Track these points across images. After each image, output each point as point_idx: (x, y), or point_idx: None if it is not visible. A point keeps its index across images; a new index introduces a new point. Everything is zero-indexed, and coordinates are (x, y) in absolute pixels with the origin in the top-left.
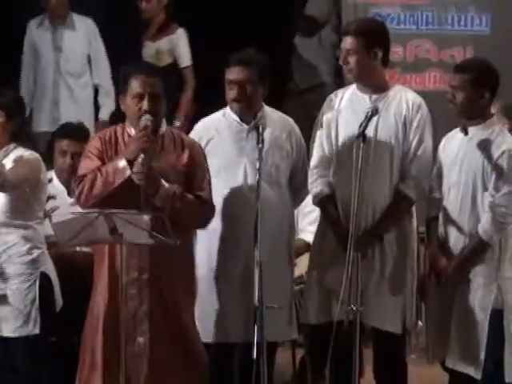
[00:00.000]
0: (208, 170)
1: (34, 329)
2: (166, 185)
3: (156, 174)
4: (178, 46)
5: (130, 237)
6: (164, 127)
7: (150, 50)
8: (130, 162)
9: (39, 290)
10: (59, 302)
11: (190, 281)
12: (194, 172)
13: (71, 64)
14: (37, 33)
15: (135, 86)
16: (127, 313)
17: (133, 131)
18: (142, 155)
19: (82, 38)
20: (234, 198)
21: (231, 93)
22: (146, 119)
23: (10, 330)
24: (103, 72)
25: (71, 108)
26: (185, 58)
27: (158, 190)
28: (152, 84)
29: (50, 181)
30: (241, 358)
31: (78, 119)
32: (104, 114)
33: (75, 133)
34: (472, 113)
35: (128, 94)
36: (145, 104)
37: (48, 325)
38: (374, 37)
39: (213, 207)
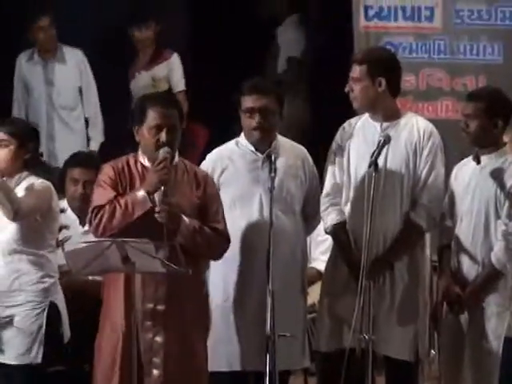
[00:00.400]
0: (221, 201)
1: (36, 357)
2: (187, 220)
3: (176, 211)
4: (173, 70)
5: (143, 265)
6: (177, 158)
7: (145, 79)
8: (150, 194)
9: (47, 319)
10: (67, 333)
11: (204, 314)
12: (209, 204)
13: (63, 97)
14: (27, 67)
15: (153, 117)
16: (143, 344)
17: (146, 162)
18: (162, 188)
19: (72, 70)
20: (250, 227)
21: (251, 121)
22: (165, 151)
23: (11, 357)
24: (93, 104)
25: (67, 141)
26: (179, 83)
27: (179, 226)
28: (170, 116)
29: (63, 211)
30: None
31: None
32: (93, 147)
33: (87, 161)
34: (485, 141)
35: (145, 126)
36: (163, 136)
37: (52, 355)
38: (379, 65)
39: (228, 239)
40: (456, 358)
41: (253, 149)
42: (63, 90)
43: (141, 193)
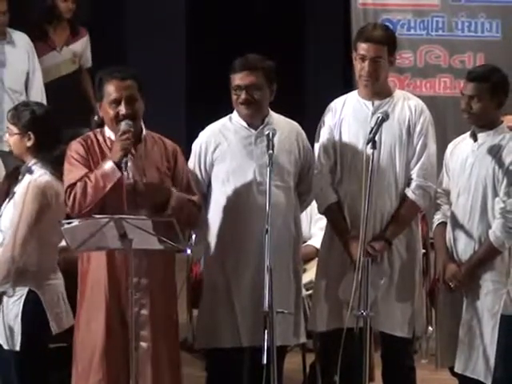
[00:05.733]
0: (192, 172)
1: (14, 345)
2: (176, 193)
3: (166, 185)
4: (87, 47)
5: (140, 242)
6: (144, 131)
7: (67, 54)
8: (116, 164)
9: (25, 307)
10: (67, 320)
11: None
12: (180, 176)
13: (14, 80)
14: None
15: (110, 91)
16: (129, 318)
17: (112, 136)
18: (129, 157)
19: (22, 53)
20: (244, 203)
21: (238, 97)
22: (126, 124)
23: (2, 340)
24: (38, 89)
25: None
26: (89, 60)
27: (169, 199)
28: (126, 87)
29: None
30: (250, 363)
31: None
32: None
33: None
34: (487, 121)
35: (105, 101)
36: (122, 109)
37: (34, 344)
38: (394, 43)
39: (201, 209)
40: (452, 334)
41: (245, 125)
42: (14, 73)
43: (108, 163)
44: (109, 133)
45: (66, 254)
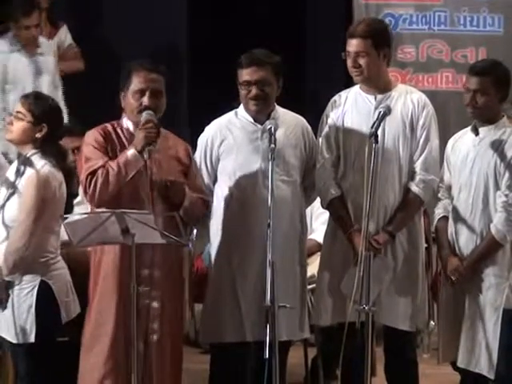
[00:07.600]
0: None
1: (29, 337)
2: (189, 193)
3: (183, 186)
4: (67, 34)
5: (142, 237)
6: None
7: (54, 46)
8: (139, 153)
9: (38, 298)
10: (74, 309)
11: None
12: (193, 175)
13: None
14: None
15: (137, 81)
16: (139, 310)
17: (131, 127)
18: (151, 146)
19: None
20: (251, 197)
21: (248, 94)
22: (147, 113)
23: (10, 336)
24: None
25: None
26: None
27: (183, 199)
28: (153, 80)
29: None
30: (253, 358)
31: None
32: None
33: (72, 129)
34: (491, 115)
35: (129, 91)
36: (145, 100)
37: (48, 334)
38: (382, 37)
39: (209, 207)
40: (454, 329)
41: (252, 120)
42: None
43: (131, 152)
44: (127, 124)
45: (67, 249)
